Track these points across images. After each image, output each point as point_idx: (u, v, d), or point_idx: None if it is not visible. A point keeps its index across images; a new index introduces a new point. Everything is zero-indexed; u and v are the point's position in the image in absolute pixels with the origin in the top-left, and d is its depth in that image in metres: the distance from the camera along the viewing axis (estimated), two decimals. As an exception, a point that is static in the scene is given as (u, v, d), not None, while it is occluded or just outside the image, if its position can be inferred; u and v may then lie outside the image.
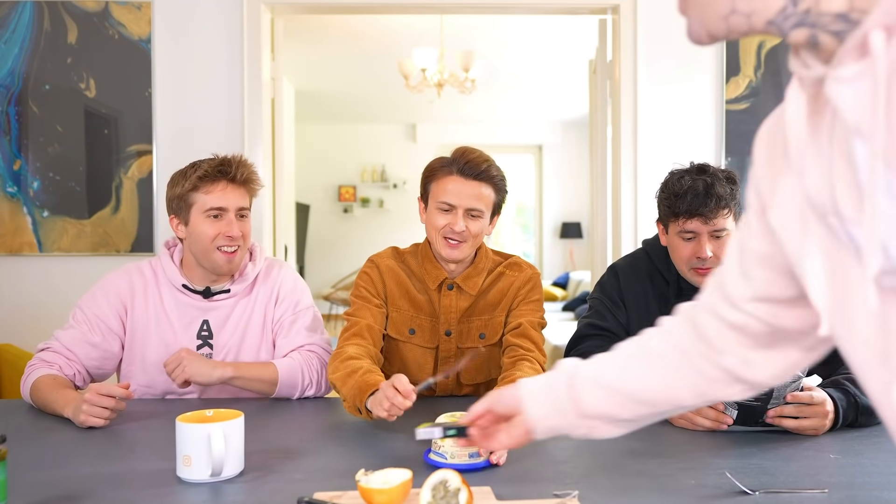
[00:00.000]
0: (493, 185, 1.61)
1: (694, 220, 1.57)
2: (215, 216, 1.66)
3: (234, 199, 1.67)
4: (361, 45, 5.83)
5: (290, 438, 1.37)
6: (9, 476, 1.06)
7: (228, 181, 1.66)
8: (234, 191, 1.67)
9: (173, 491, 1.09)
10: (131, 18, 2.98)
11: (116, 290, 1.72)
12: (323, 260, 9.13)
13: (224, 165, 1.66)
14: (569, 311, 6.73)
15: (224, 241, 1.66)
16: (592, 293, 1.83)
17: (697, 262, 1.60)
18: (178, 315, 1.72)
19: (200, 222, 1.66)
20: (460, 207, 1.58)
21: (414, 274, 1.69)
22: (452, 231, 1.58)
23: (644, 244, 1.82)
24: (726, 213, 1.58)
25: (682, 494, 1.06)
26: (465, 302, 1.67)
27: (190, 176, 1.66)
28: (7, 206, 2.97)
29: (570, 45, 5.74)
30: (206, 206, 1.65)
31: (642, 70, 3.08)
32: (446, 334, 1.67)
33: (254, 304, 1.76)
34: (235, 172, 1.67)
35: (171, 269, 1.73)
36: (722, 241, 1.59)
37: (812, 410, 1.33)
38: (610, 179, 3.29)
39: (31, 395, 1.59)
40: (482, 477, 1.12)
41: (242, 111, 3.01)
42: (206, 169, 1.65)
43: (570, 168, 9.18)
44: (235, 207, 1.67)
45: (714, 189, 1.55)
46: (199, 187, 1.65)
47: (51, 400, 1.53)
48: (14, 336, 3.00)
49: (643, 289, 1.74)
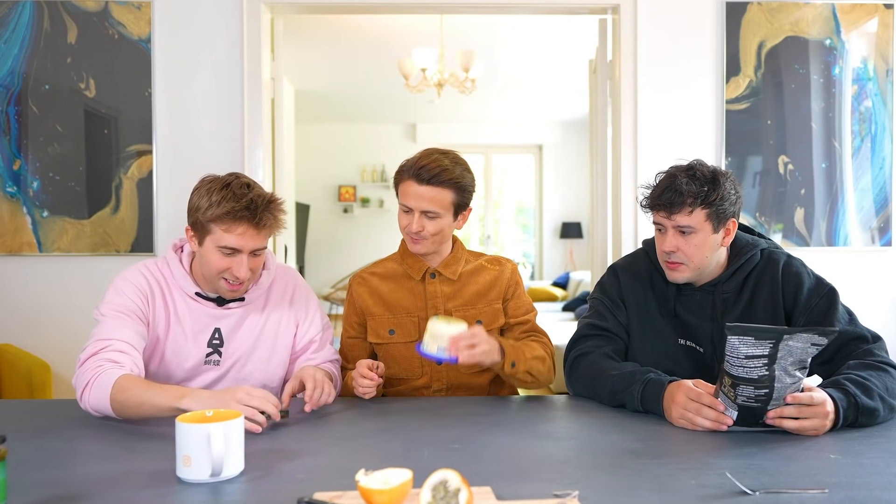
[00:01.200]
0: (449, 187, 1.71)
1: (659, 212, 1.63)
2: (228, 254, 1.57)
3: (252, 242, 1.57)
4: (361, 45, 5.83)
5: (290, 438, 1.37)
6: (9, 476, 1.06)
7: (251, 225, 1.55)
8: (255, 234, 1.57)
9: (173, 491, 1.09)
10: (131, 18, 2.98)
11: (138, 286, 1.64)
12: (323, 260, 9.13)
13: (251, 209, 1.54)
14: (569, 311, 6.73)
15: (230, 276, 1.59)
16: (593, 293, 1.85)
17: (665, 255, 1.64)
18: (191, 321, 1.66)
19: (212, 252, 1.57)
20: (416, 210, 1.72)
21: (392, 276, 1.84)
22: (411, 230, 1.73)
23: (644, 244, 1.83)
24: (689, 211, 1.58)
25: (682, 494, 1.06)
26: (447, 287, 1.82)
27: (214, 204, 1.54)
28: (7, 206, 2.97)
29: (570, 45, 5.74)
30: (221, 243, 1.55)
31: (642, 70, 3.08)
32: None
33: (268, 314, 1.74)
34: (261, 218, 1.55)
35: (181, 275, 1.66)
36: (690, 238, 1.60)
37: (812, 411, 1.33)
38: (610, 179, 3.29)
39: (114, 397, 1.43)
40: (482, 477, 1.12)
41: (242, 111, 3.01)
42: (233, 206, 1.53)
43: (570, 168, 9.19)
44: (251, 249, 1.58)
45: (679, 185, 1.58)
46: (221, 221, 1.54)
47: (152, 395, 1.40)
48: (14, 336, 3.00)
49: (643, 288, 1.74)
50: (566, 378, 1.74)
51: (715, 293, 1.67)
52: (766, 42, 3.07)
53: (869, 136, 3.12)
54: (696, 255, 1.61)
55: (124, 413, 1.45)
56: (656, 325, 1.71)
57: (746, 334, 1.26)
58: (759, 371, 1.28)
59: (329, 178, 9.16)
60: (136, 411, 1.43)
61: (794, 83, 3.09)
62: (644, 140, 3.09)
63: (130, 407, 1.42)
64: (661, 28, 3.07)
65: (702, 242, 1.60)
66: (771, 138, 3.10)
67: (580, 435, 1.39)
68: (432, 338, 1.54)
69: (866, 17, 3.10)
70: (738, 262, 1.67)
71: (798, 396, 1.32)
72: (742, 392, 1.31)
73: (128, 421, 1.47)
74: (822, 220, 3.12)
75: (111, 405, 1.44)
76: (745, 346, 1.26)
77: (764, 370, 1.27)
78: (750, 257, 1.68)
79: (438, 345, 1.53)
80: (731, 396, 1.33)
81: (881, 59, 3.11)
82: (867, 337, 1.57)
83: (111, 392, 1.44)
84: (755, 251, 1.69)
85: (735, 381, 1.30)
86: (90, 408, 1.48)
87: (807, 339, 1.26)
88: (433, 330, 1.55)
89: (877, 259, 3.16)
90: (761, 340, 1.25)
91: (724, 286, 1.67)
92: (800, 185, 3.10)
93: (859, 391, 1.39)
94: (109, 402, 1.44)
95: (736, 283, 1.68)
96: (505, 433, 1.40)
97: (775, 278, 1.66)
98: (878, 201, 3.13)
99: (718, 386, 1.36)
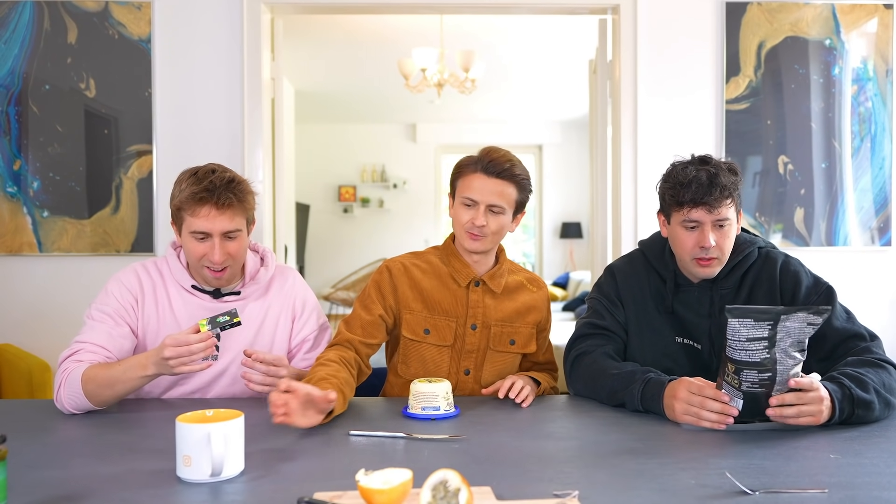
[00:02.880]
0: (515, 183, 1.71)
1: (699, 209, 1.59)
2: (200, 238, 1.62)
3: (220, 223, 1.60)
4: (361, 45, 5.83)
5: (290, 438, 1.37)
6: (9, 476, 1.06)
7: (213, 205, 1.59)
8: (219, 215, 1.60)
9: (173, 491, 1.09)
10: (131, 18, 2.98)
11: (128, 286, 1.70)
12: (323, 260, 9.12)
13: (210, 190, 1.58)
14: (569, 311, 6.72)
15: (207, 262, 1.64)
16: (590, 294, 1.85)
17: (700, 251, 1.62)
18: (186, 316, 1.70)
19: (188, 240, 1.64)
20: (482, 203, 1.69)
21: (436, 273, 1.78)
22: (474, 225, 1.69)
23: (640, 244, 1.84)
24: (729, 203, 1.60)
25: (682, 494, 1.06)
26: (490, 299, 1.78)
27: (181, 192, 1.61)
28: (7, 206, 2.97)
29: (570, 45, 5.74)
30: (192, 228, 1.61)
31: (642, 70, 3.08)
32: (472, 328, 1.76)
33: (266, 310, 1.76)
34: (219, 197, 1.59)
35: (178, 270, 1.71)
36: (724, 230, 1.61)
37: (810, 397, 1.34)
38: (610, 179, 3.29)
39: (86, 388, 1.50)
40: (482, 477, 1.12)
41: (242, 111, 3.01)
42: (193, 190, 1.58)
43: (570, 168, 9.18)
44: (220, 232, 1.61)
45: (718, 179, 1.59)
46: (185, 207, 1.61)
47: (118, 371, 1.48)
48: (14, 336, 3.00)
49: (640, 288, 1.75)
50: (566, 377, 1.75)
51: (713, 289, 1.68)
52: (766, 42, 3.07)
53: (869, 136, 3.12)
54: (727, 246, 1.63)
55: (102, 398, 1.52)
56: (654, 323, 1.72)
57: (746, 316, 1.29)
58: (761, 354, 1.30)
59: (329, 178, 9.16)
60: (111, 393, 1.51)
61: (794, 83, 3.09)
62: (644, 140, 3.09)
63: (104, 390, 1.50)
64: (661, 28, 3.07)
65: (731, 233, 1.63)
66: (771, 138, 3.10)
67: (580, 435, 1.39)
68: (416, 399, 1.52)
69: (866, 17, 3.10)
70: (737, 259, 1.68)
71: (800, 381, 1.34)
72: (746, 377, 1.32)
73: (128, 420, 1.48)
74: (822, 220, 3.12)
75: (86, 396, 1.51)
76: (746, 328, 1.29)
77: (766, 353, 1.30)
78: (748, 254, 1.69)
79: (422, 405, 1.51)
80: (735, 384, 1.34)
81: (881, 59, 3.11)
82: (865, 335, 1.58)
83: (81, 385, 1.51)
84: (753, 248, 1.70)
85: (738, 366, 1.32)
86: (67, 406, 1.54)
87: (803, 318, 1.29)
88: (416, 391, 1.53)
89: (877, 259, 3.17)
90: (760, 322, 1.28)
91: (722, 283, 1.68)
92: (799, 186, 3.10)
93: (854, 384, 1.41)
94: (84, 394, 1.51)
95: (734, 279, 1.68)
96: (505, 433, 1.40)
97: (773, 276, 1.67)
98: (878, 201, 3.13)
99: (721, 377, 1.37)
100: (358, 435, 1.38)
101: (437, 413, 1.50)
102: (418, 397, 1.52)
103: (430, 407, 1.51)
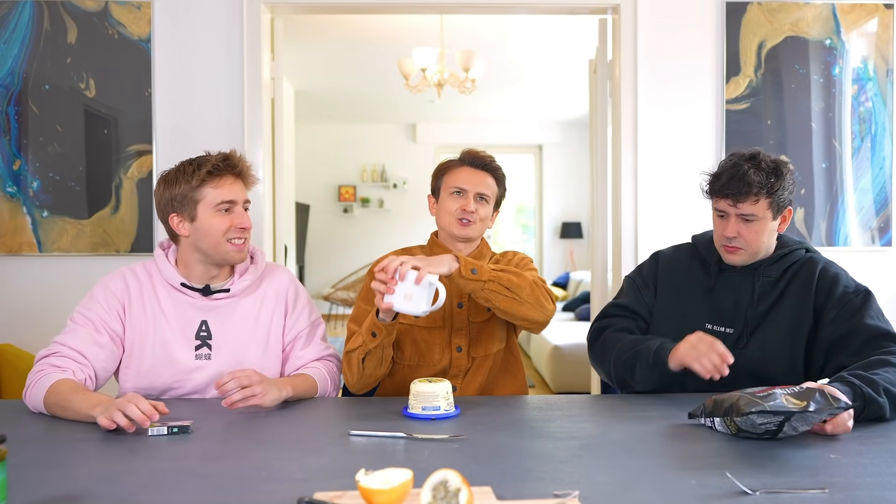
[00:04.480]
0: (495, 177, 1.89)
1: (724, 200, 1.70)
2: (226, 209, 1.69)
3: (241, 191, 1.73)
4: (361, 45, 5.83)
5: (290, 438, 1.37)
6: (9, 476, 1.06)
7: (234, 175, 1.71)
8: (239, 184, 1.73)
9: (173, 491, 1.09)
10: (131, 18, 2.98)
11: (113, 291, 1.72)
12: (323, 260, 9.13)
13: (230, 160, 1.71)
14: (569, 312, 6.72)
15: (235, 234, 1.70)
16: (629, 273, 1.95)
17: (725, 240, 1.72)
18: (176, 315, 1.71)
19: (210, 217, 1.68)
20: (471, 191, 1.84)
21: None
22: (464, 211, 1.82)
23: (693, 239, 1.92)
24: (755, 200, 1.66)
25: (682, 494, 1.06)
26: None
27: (195, 173, 1.67)
28: (7, 205, 2.97)
29: (570, 45, 5.74)
30: (218, 201, 1.68)
31: (642, 70, 3.08)
32: (458, 306, 1.85)
33: (259, 306, 1.77)
34: (240, 166, 1.73)
35: (167, 269, 1.73)
36: (752, 225, 1.69)
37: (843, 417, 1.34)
38: (610, 179, 3.29)
39: (46, 399, 1.53)
40: (482, 477, 1.12)
41: (242, 111, 3.01)
42: (215, 164, 1.69)
43: (570, 168, 9.19)
44: (243, 200, 1.73)
45: (748, 176, 1.65)
46: (207, 182, 1.67)
47: (76, 401, 1.47)
48: (14, 336, 3.00)
49: (680, 273, 1.84)
50: (588, 349, 1.85)
51: (755, 275, 1.75)
52: (766, 42, 3.07)
53: (869, 136, 3.12)
54: (754, 240, 1.71)
55: (55, 414, 1.53)
56: (685, 309, 1.80)
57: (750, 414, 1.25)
58: (767, 426, 1.28)
59: (329, 178, 9.16)
60: (63, 414, 1.51)
61: (794, 83, 3.09)
62: (644, 140, 3.09)
63: (60, 409, 1.51)
64: (661, 28, 3.06)
65: (761, 229, 1.70)
66: (771, 138, 3.10)
67: (580, 435, 1.39)
68: (416, 398, 1.53)
69: (866, 17, 3.10)
70: (784, 251, 1.76)
71: (836, 423, 1.32)
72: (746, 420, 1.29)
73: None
74: (822, 220, 3.12)
75: (45, 406, 1.54)
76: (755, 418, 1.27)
77: (773, 426, 1.28)
78: (795, 251, 1.78)
79: (423, 405, 1.51)
80: (731, 428, 1.34)
81: (881, 59, 3.11)
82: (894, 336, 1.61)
83: (45, 395, 1.54)
84: (801, 248, 1.79)
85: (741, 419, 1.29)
86: (30, 406, 1.57)
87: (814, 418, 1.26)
88: (416, 391, 1.53)
89: (877, 259, 3.16)
90: (765, 416, 1.25)
91: (766, 270, 1.75)
92: (800, 185, 3.10)
93: (863, 383, 1.42)
94: (43, 403, 1.54)
95: (778, 270, 1.76)
96: (505, 433, 1.40)
97: (812, 274, 1.74)
98: (878, 201, 3.13)
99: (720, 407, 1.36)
100: (358, 435, 1.38)
101: (437, 413, 1.51)
102: (418, 397, 1.52)
103: (430, 407, 1.51)
